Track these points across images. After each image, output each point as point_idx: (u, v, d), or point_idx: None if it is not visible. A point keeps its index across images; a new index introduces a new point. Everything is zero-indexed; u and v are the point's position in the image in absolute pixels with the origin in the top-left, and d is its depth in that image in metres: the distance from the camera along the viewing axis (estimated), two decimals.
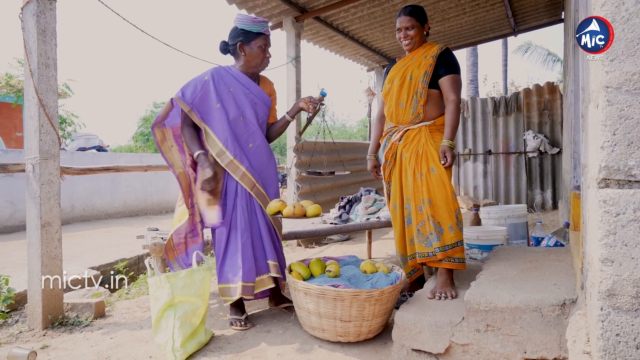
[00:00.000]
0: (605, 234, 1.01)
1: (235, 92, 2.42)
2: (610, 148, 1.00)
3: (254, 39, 2.38)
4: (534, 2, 5.43)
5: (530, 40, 18.87)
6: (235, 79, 2.44)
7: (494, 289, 1.80)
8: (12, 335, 2.35)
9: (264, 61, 2.46)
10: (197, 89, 2.36)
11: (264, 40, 2.40)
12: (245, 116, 2.44)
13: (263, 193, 2.45)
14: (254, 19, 2.38)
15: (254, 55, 2.41)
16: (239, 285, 2.30)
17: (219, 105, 2.37)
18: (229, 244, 2.39)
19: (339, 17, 5.39)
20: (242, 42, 2.39)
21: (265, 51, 2.43)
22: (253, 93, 2.47)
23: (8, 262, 4.24)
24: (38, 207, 2.39)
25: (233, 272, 2.35)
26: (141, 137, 18.52)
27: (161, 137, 2.45)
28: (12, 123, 11.10)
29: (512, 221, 3.75)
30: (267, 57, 2.46)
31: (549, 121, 7.09)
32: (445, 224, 2.21)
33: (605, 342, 1.01)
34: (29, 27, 2.40)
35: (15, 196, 6.54)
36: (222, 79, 2.41)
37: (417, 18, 2.39)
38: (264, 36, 2.39)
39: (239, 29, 2.38)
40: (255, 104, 2.47)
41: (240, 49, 2.40)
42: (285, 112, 2.62)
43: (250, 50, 2.40)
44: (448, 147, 2.25)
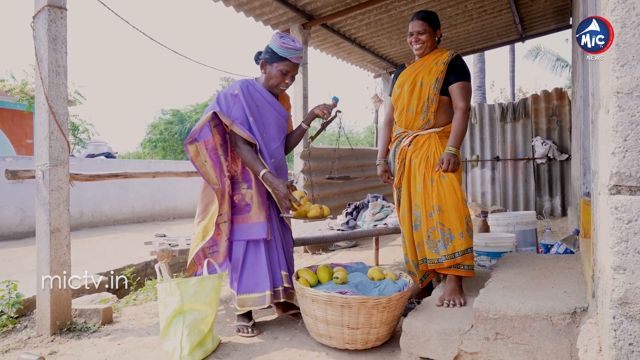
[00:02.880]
0: (617, 241, 0.99)
1: (261, 107, 2.44)
2: (621, 154, 0.98)
3: (277, 61, 2.37)
4: (541, 8, 5.42)
5: (540, 45, 18.72)
6: (260, 95, 2.45)
7: (503, 296, 1.78)
8: (21, 340, 2.36)
9: (281, 85, 2.43)
10: (230, 104, 2.36)
11: (286, 65, 2.36)
12: (269, 132, 2.46)
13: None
14: (283, 42, 2.34)
15: (272, 76, 2.40)
16: (267, 293, 2.35)
17: (251, 119, 2.38)
18: (248, 254, 2.41)
19: (345, 24, 5.41)
20: (266, 60, 2.40)
21: (284, 76, 2.40)
22: (276, 110, 2.49)
23: (17, 267, 4.27)
24: (47, 213, 2.41)
25: (258, 282, 2.38)
26: (149, 143, 18.66)
27: (195, 152, 2.36)
28: (23, 130, 11.24)
29: (521, 228, 3.71)
30: (285, 83, 2.43)
31: (558, 127, 7.05)
32: (455, 230, 2.19)
33: (617, 352, 0.99)
34: (40, 35, 2.43)
35: (25, 202, 6.61)
36: (250, 94, 2.42)
37: (429, 23, 2.38)
38: (287, 62, 2.36)
39: (269, 47, 2.39)
40: (279, 120, 2.50)
41: (263, 66, 2.43)
42: (301, 121, 2.66)
43: (271, 70, 2.40)
44: (450, 154, 2.24)
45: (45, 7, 2.39)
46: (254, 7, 4.61)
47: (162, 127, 18.28)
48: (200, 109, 18.94)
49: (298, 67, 2.43)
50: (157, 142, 18.40)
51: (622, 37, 0.98)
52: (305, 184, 5.13)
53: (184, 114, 18.82)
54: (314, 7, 4.76)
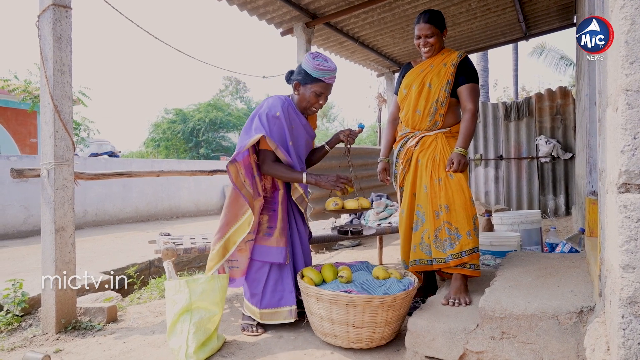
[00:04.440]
0: (626, 240, 0.99)
1: (296, 129, 2.44)
2: (630, 152, 0.98)
3: (311, 83, 2.35)
4: (545, 7, 5.40)
5: (544, 43, 18.62)
6: (296, 116, 2.44)
7: (509, 295, 1.77)
8: (26, 339, 2.37)
9: (314, 106, 2.42)
10: (272, 125, 2.34)
11: (320, 87, 2.35)
12: (299, 153, 2.47)
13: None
14: (318, 64, 2.31)
15: (306, 98, 2.39)
16: (293, 308, 2.39)
17: (291, 143, 2.39)
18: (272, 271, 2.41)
19: (349, 23, 5.40)
20: (299, 81, 2.38)
21: (318, 97, 2.38)
22: (307, 132, 2.51)
23: (22, 266, 4.29)
24: (52, 211, 2.41)
25: (282, 296, 2.40)
26: (152, 142, 18.71)
27: (235, 173, 2.32)
28: (27, 129, 11.29)
29: (526, 227, 3.70)
30: (319, 104, 2.42)
31: (562, 126, 7.02)
32: (463, 229, 2.19)
33: (626, 351, 0.99)
34: (45, 34, 2.44)
35: (30, 201, 6.64)
36: (289, 115, 2.40)
37: (436, 25, 2.36)
38: (322, 84, 2.35)
39: (302, 68, 2.37)
40: (308, 141, 2.53)
41: (296, 88, 2.41)
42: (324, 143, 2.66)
43: (304, 92, 2.39)
44: (459, 154, 2.23)
45: (50, 6, 2.40)
46: (257, 6, 4.60)
47: (165, 127, 18.33)
48: (203, 108, 18.97)
49: (331, 87, 2.41)
50: (160, 142, 18.45)
51: (632, 34, 0.98)
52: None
53: (186, 113, 18.85)
54: (318, 5, 4.75)
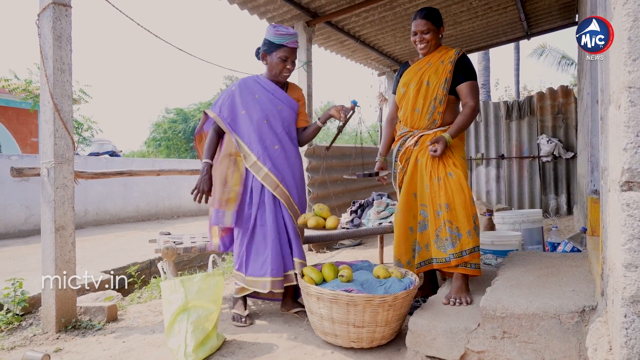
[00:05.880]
0: (628, 239, 0.98)
1: (260, 98, 2.55)
2: (633, 150, 0.97)
3: (275, 49, 2.48)
4: (547, 5, 5.38)
5: (545, 43, 18.59)
6: (260, 86, 2.58)
7: (510, 295, 1.76)
8: (26, 338, 2.37)
9: (283, 71, 2.54)
10: (225, 99, 2.56)
11: (284, 52, 2.48)
12: (270, 120, 2.55)
13: (287, 194, 2.52)
14: (277, 31, 2.46)
15: (274, 65, 2.52)
16: (268, 280, 2.41)
17: (244, 112, 2.53)
18: (254, 240, 2.49)
19: (350, 22, 5.39)
20: (265, 51, 2.53)
21: (285, 62, 2.50)
22: (278, 98, 2.58)
23: (23, 265, 4.29)
24: (52, 210, 2.41)
25: (260, 268, 2.45)
26: (153, 142, 18.71)
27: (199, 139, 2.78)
28: (28, 129, 11.30)
29: (527, 226, 3.69)
30: (287, 68, 2.53)
31: (563, 125, 7.00)
32: (463, 228, 2.18)
33: (629, 351, 0.98)
34: (45, 33, 2.44)
35: (31, 200, 6.64)
36: (248, 88, 2.57)
37: (433, 22, 2.36)
38: (285, 48, 2.47)
39: (265, 38, 2.51)
40: (281, 108, 2.58)
41: (263, 58, 2.56)
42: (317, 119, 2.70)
43: (271, 60, 2.52)
44: (443, 137, 2.23)
45: (50, 5, 2.39)
46: (258, 5, 4.59)
47: (166, 126, 18.33)
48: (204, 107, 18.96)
49: (296, 51, 2.55)
50: (161, 141, 18.44)
51: (635, 30, 0.97)
52: (310, 182, 5.11)
53: (187, 112, 18.84)
54: (319, 4, 4.74)
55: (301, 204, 2.62)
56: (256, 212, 2.50)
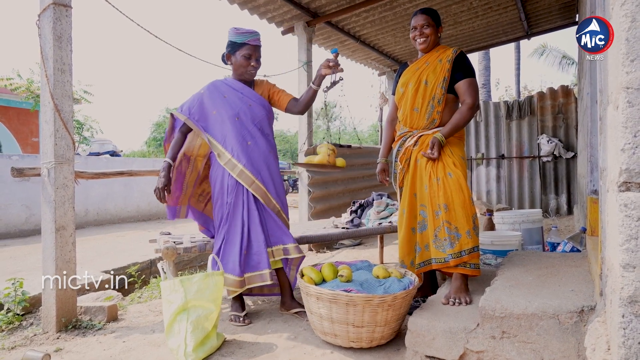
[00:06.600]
0: (626, 239, 0.98)
1: (229, 97, 2.60)
2: (631, 150, 0.97)
3: (239, 48, 2.55)
4: (547, 5, 5.38)
5: (546, 43, 18.60)
6: (228, 86, 2.64)
7: (509, 295, 1.76)
8: (27, 338, 2.37)
9: (248, 69, 2.59)
10: (194, 102, 2.61)
11: (247, 49, 2.54)
12: (241, 117, 2.58)
13: (263, 189, 2.53)
14: (238, 30, 2.54)
15: (239, 64, 2.58)
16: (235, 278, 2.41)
17: (215, 112, 2.58)
18: (230, 237, 2.50)
19: (350, 22, 5.40)
20: (229, 52, 2.60)
21: (249, 60, 2.56)
22: (247, 96, 2.62)
23: (23, 265, 4.29)
24: (53, 210, 2.41)
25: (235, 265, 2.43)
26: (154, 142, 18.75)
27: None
28: (29, 129, 11.31)
29: (527, 226, 3.69)
30: (252, 65, 2.58)
31: (564, 125, 7.00)
32: (462, 228, 2.18)
33: (627, 351, 0.98)
34: (45, 33, 2.44)
35: (32, 200, 6.64)
36: (217, 89, 2.63)
37: (432, 18, 2.38)
38: (247, 46, 2.54)
39: (228, 40, 2.58)
40: (250, 105, 2.62)
41: (228, 59, 2.64)
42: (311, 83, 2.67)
43: (235, 59, 2.59)
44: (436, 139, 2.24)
45: (50, 5, 2.40)
46: (258, 5, 4.60)
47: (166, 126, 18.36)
48: None
49: (259, 49, 2.60)
50: (161, 141, 18.46)
51: (633, 31, 0.97)
52: (310, 181, 5.12)
53: None
54: (319, 4, 4.75)
55: (280, 198, 2.60)
56: (233, 210, 2.50)
